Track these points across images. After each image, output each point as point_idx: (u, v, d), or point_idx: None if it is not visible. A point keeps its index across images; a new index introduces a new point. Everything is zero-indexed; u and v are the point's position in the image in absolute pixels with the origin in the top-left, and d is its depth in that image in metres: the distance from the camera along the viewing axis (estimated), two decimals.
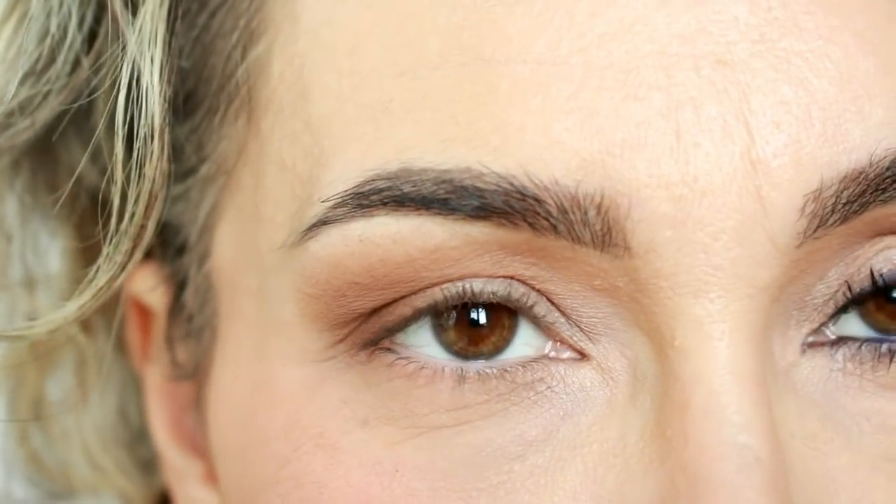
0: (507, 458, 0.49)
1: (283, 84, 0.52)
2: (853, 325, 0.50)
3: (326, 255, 0.49)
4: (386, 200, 0.48)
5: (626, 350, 0.49)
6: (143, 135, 0.52)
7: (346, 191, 0.49)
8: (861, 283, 0.50)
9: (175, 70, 0.54)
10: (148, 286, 0.62)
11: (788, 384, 0.49)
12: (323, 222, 0.49)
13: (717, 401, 0.46)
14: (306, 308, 0.51)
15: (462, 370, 0.49)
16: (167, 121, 0.53)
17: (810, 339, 0.50)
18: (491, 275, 0.48)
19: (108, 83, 0.54)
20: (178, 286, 0.60)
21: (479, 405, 0.49)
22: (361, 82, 0.50)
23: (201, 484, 0.62)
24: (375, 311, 0.50)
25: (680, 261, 0.47)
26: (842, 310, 0.50)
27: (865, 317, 0.50)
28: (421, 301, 0.49)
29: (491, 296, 0.49)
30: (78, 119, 0.58)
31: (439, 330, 0.50)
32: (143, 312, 0.63)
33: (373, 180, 0.48)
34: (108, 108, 0.54)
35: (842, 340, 0.50)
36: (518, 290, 0.49)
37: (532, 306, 0.49)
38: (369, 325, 0.50)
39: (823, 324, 0.50)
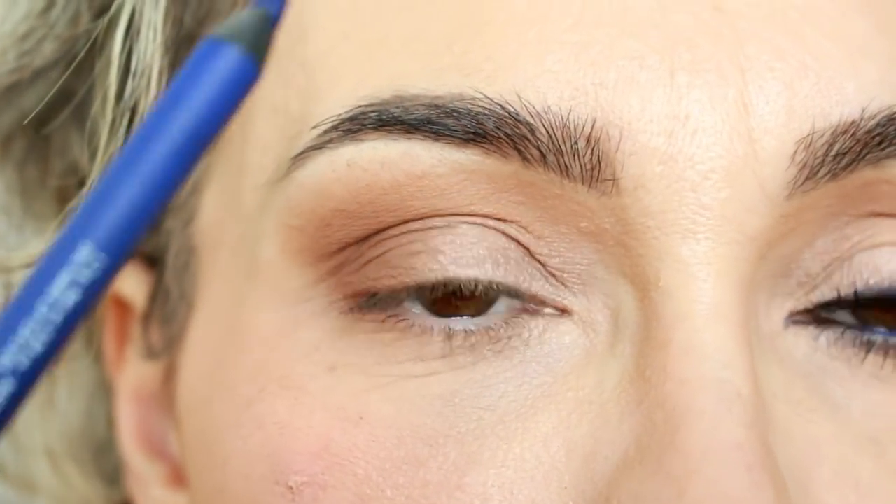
0: (477, 407, 0.47)
1: (280, 31, 0.51)
2: (838, 313, 0.50)
3: (313, 183, 0.49)
4: (376, 124, 0.47)
5: (608, 301, 0.48)
6: (140, 70, 0.52)
7: (338, 115, 0.48)
8: (846, 286, 0.49)
9: (177, 19, 0.54)
10: (127, 280, 0.61)
11: (773, 351, 0.48)
12: (312, 148, 0.49)
13: (699, 338, 0.45)
14: (289, 242, 0.50)
15: (449, 328, 0.48)
16: (166, 63, 0.53)
17: (795, 318, 0.49)
18: (479, 214, 0.48)
19: (107, 22, 0.54)
20: (160, 268, 0.59)
21: (453, 356, 0.48)
22: (360, 19, 0.50)
23: (164, 486, 0.60)
24: (358, 256, 0.49)
25: (669, 198, 0.46)
26: (827, 305, 0.50)
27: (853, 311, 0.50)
28: (410, 278, 0.48)
29: (477, 282, 0.48)
30: (79, 111, 0.58)
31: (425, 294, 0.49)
32: (122, 311, 0.62)
33: (365, 106, 0.48)
34: (104, 50, 0.54)
35: (826, 322, 0.49)
36: (511, 273, 0.48)
37: (527, 287, 0.48)
38: (356, 281, 0.49)
39: (808, 309, 0.49)
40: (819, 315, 0.50)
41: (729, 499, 0.43)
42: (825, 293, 0.49)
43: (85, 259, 0.35)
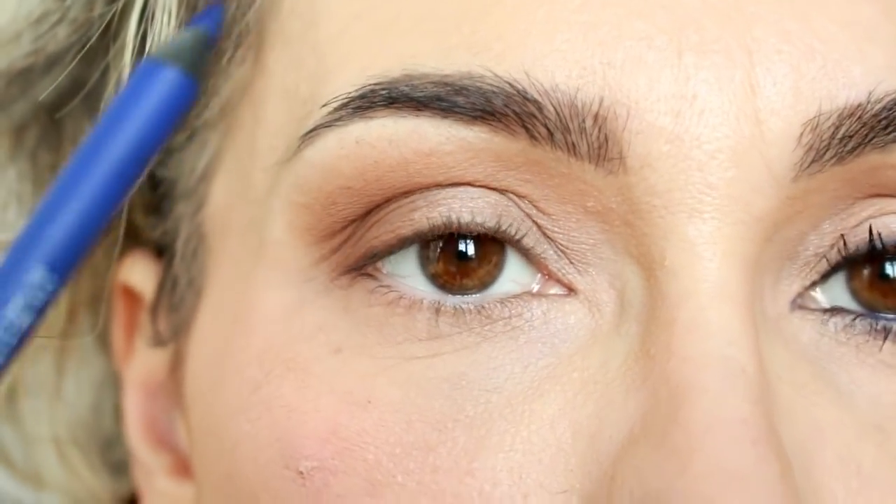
0: (484, 389, 0.48)
1: (292, 16, 0.53)
2: (844, 300, 0.50)
3: (321, 160, 0.49)
4: (385, 102, 0.48)
5: (615, 281, 0.48)
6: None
7: (347, 93, 0.48)
8: (858, 242, 0.49)
9: (191, 3, 0.54)
10: (138, 270, 0.61)
11: (778, 333, 0.48)
12: (321, 126, 0.49)
13: (704, 316, 0.45)
14: (295, 220, 0.50)
15: (439, 303, 0.49)
16: None
17: (800, 300, 0.49)
18: (485, 185, 0.48)
19: (121, 6, 0.54)
20: (169, 256, 0.59)
21: (451, 336, 0.48)
22: (370, 2, 0.50)
23: (169, 476, 0.61)
24: (361, 229, 0.49)
25: (675, 177, 0.46)
26: (834, 269, 0.49)
27: (857, 293, 0.50)
28: (407, 229, 0.49)
29: (479, 227, 0.48)
30: (92, 98, 0.58)
31: (425, 261, 0.49)
32: (131, 301, 0.63)
33: (374, 85, 0.48)
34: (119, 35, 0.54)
35: (834, 310, 0.49)
36: (507, 220, 0.48)
37: (521, 238, 0.48)
38: (355, 249, 0.49)
39: (815, 283, 0.49)
40: (824, 304, 0.50)
41: (732, 474, 0.42)
42: (834, 257, 0.49)
43: (39, 282, 0.35)
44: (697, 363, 0.44)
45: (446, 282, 0.49)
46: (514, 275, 0.49)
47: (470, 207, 0.48)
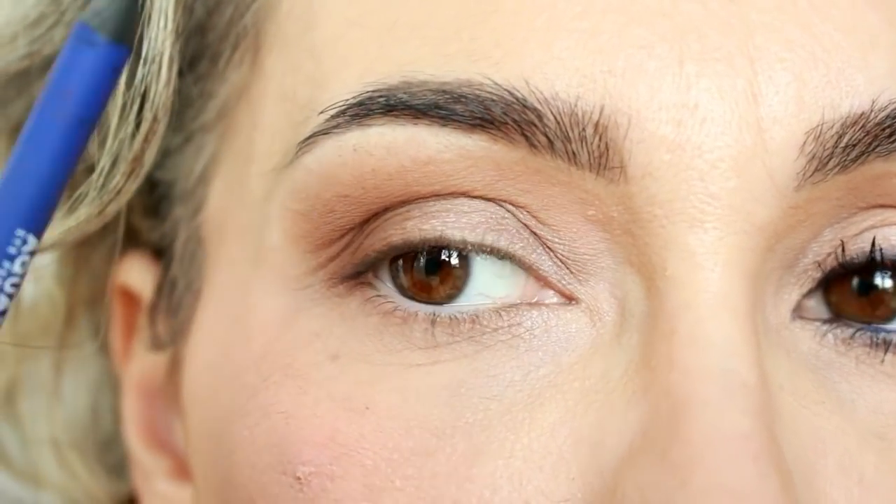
0: (483, 397, 0.47)
1: (290, 19, 0.52)
2: (845, 307, 0.50)
3: (318, 167, 0.48)
4: (383, 109, 0.47)
5: (615, 290, 0.48)
6: (151, 57, 0.52)
7: (345, 100, 0.48)
8: (857, 250, 0.49)
9: (187, 7, 0.54)
10: (136, 272, 0.61)
11: (780, 343, 0.48)
12: (319, 133, 0.48)
13: (705, 328, 0.45)
14: (293, 227, 0.50)
15: (434, 314, 0.48)
16: (177, 48, 0.53)
17: (798, 310, 0.49)
18: (482, 195, 0.48)
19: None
20: (167, 259, 0.59)
21: (449, 345, 0.48)
22: (368, 6, 0.50)
23: (168, 479, 0.60)
24: (358, 238, 0.49)
25: (676, 187, 0.46)
26: (828, 276, 0.49)
27: (834, 306, 0.50)
28: (398, 238, 0.48)
29: (465, 245, 0.48)
30: None
31: (394, 273, 0.49)
32: (129, 303, 0.62)
33: (372, 92, 0.48)
34: None
35: (833, 321, 0.49)
36: (496, 233, 0.48)
37: (524, 254, 0.48)
38: (352, 258, 0.49)
39: (811, 290, 0.49)
40: (824, 315, 0.49)
41: (732, 490, 0.42)
42: (833, 266, 0.49)
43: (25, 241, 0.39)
44: (698, 376, 0.44)
45: (418, 291, 0.49)
46: (480, 287, 0.49)
47: (463, 223, 0.48)
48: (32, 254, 0.39)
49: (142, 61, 0.52)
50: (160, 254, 0.60)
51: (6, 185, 0.39)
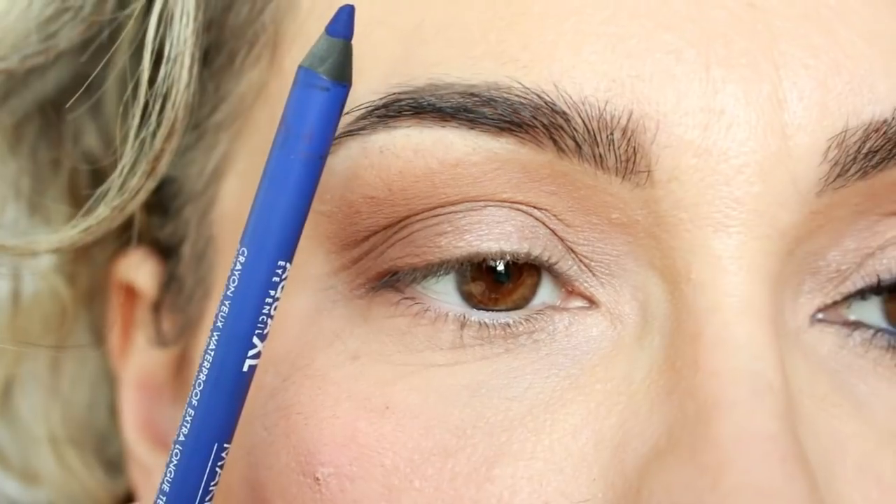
0: (504, 398, 0.47)
1: (312, 17, 0.52)
2: (870, 312, 0.50)
3: (344, 169, 0.48)
4: (409, 111, 0.47)
5: (637, 293, 0.48)
6: (173, 56, 0.52)
7: (371, 101, 0.48)
8: (883, 271, 0.49)
9: (207, 7, 0.54)
10: (138, 267, 0.61)
11: (798, 346, 0.49)
12: (344, 134, 0.48)
13: (731, 331, 0.45)
14: (317, 228, 0.50)
15: (464, 317, 0.48)
16: (199, 47, 0.53)
17: (820, 315, 0.49)
18: (509, 200, 0.48)
19: (137, 8, 0.54)
20: (174, 256, 0.59)
21: (474, 347, 0.48)
22: (394, 6, 0.50)
23: None
24: (383, 243, 0.49)
25: (703, 191, 0.46)
26: (859, 293, 0.50)
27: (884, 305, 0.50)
28: (435, 256, 0.48)
29: (506, 255, 0.48)
30: (90, 91, 0.57)
31: (461, 280, 0.49)
32: (128, 298, 0.62)
33: (399, 93, 0.48)
34: (133, 37, 0.54)
35: (857, 324, 0.50)
36: (538, 245, 0.48)
37: (556, 263, 0.48)
38: (377, 263, 0.49)
39: (837, 303, 0.50)
40: (847, 318, 0.50)
41: (762, 490, 0.43)
42: (856, 282, 0.49)
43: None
44: (726, 378, 0.45)
45: (480, 301, 0.49)
46: (545, 296, 0.49)
47: (496, 234, 0.48)
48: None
49: (164, 61, 0.52)
50: (164, 250, 0.60)
51: (258, 222, 0.45)
